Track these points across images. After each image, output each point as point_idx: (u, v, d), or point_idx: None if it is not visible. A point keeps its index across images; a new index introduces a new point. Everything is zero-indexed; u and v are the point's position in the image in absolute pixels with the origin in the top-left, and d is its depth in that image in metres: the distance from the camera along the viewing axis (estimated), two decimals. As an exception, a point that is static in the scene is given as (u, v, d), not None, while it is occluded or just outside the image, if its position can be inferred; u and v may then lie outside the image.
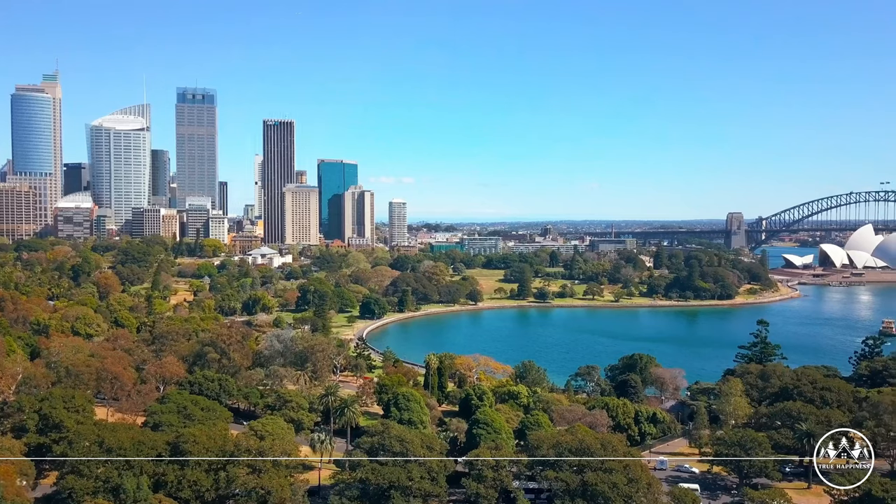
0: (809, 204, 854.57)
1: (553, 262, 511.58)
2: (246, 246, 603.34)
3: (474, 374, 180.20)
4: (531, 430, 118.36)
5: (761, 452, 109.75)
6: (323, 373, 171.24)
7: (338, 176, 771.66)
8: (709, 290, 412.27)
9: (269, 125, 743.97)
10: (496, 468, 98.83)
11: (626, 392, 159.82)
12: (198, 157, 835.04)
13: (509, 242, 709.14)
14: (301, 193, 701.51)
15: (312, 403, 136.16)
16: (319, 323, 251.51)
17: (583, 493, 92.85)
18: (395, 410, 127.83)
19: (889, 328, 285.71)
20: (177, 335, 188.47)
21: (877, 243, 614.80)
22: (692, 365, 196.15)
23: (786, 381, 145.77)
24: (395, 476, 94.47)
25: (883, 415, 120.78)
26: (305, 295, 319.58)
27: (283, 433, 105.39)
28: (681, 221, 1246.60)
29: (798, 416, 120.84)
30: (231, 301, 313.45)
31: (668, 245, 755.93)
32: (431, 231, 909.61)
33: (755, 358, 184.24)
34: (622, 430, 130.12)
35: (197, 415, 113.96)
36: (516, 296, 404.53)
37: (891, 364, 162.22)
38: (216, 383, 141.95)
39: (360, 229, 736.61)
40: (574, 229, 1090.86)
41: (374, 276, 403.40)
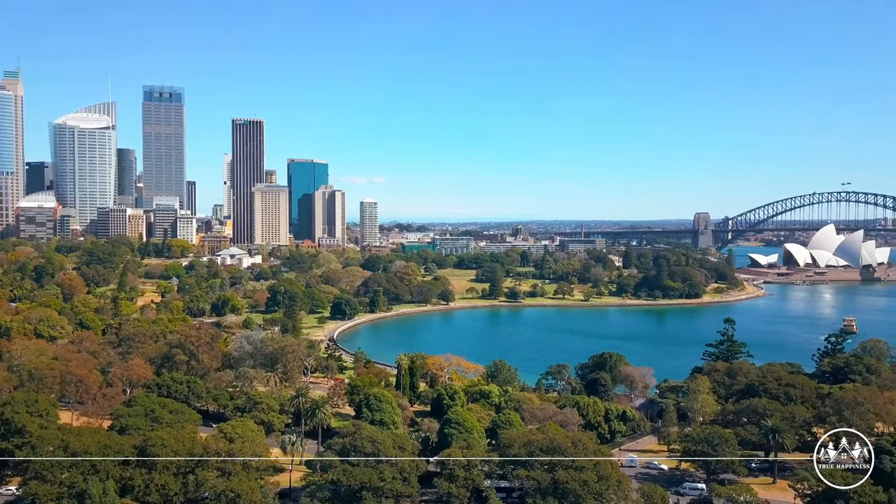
0: (774, 204, 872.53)
1: (524, 262, 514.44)
2: (215, 246, 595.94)
3: (446, 373, 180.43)
4: (503, 429, 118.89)
5: (728, 448, 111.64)
6: (293, 374, 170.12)
7: (308, 176, 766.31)
8: (677, 289, 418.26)
9: (238, 124, 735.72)
10: (468, 467, 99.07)
11: (596, 390, 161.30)
12: (165, 156, 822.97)
13: (481, 242, 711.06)
14: (270, 193, 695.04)
15: (283, 405, 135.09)
16: (290, 324, 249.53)
17: (554, 491, 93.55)
18: (366, 411, 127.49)
19: (850, 326, 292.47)
20: (144, 337, 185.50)
21: (838, 243, 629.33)
22: (661, 363, 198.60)
23: (752, 379, 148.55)
24: (367, 477, 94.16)
25: (844, 410, 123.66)
26: (275, 296, 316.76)
27: (253, 435, 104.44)
28: (649, 221, 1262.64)
29: (763, 413, 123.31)
30: (200, 302, 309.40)
31: (637, 245, 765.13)
32: (403, 231, 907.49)
33: (722, 356, 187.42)
34: (593, 429, 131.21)
35: (165, 418, 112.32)
36: (488, 295, 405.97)
37: (852, 361, 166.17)
38: (185, 385, 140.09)
39: (331, 229, 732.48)
40: (544, 229, 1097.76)
41: (345, 277, 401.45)
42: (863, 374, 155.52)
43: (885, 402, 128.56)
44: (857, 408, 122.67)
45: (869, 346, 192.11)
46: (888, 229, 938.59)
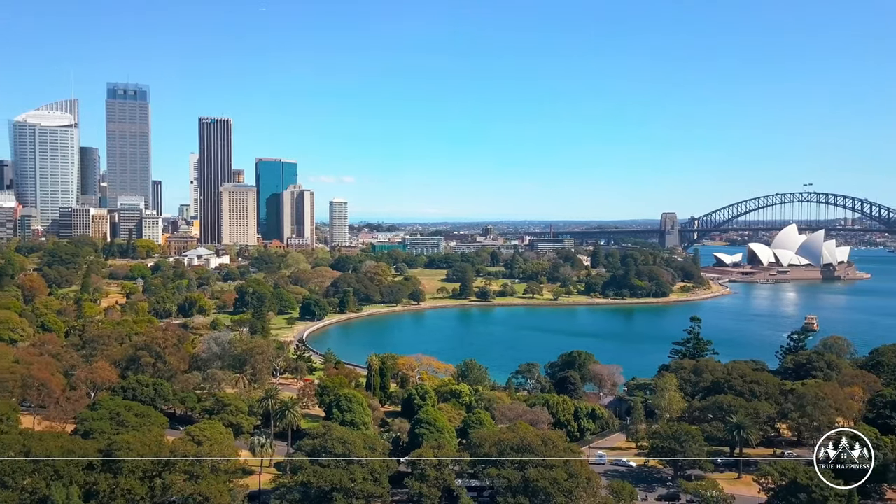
0: (738, 204, 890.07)
1: (494, 262, 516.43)
2: (181, 247, 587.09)
3: (417, 374, 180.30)
4: (473, 428, 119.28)
5: (695, 445, 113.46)
6: (263, 375, 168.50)
7: (276, 175, 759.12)
8: (644, 288, 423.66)
9: (204, 123, 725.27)
10: (439, 467, 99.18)
11: (565, 389, 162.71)
12: (129, 155, 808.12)
13: (451, 242, 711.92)
14: (238, 193, 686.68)
15: (252, 407, 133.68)
16: (258, 325, 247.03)
17: (524, 489, 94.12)
18: (336, 412, 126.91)
19: (811, 324, 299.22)
20: (108, 339, 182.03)
21: (800, 242, 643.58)
22: (629, 361, 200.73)
23: (717, 376, 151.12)
24: (338, 478, 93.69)
25: (807, 406, 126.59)
26: (244, 296, 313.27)
27: (221, 438, 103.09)
28: (617, 221, 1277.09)
29: (729, 409, 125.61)
30: (166, 303, 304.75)
31: (605, 244, 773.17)
32: (373, 231, 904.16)
33: (688, 353, 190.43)
34: (562, 427, 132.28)
35: (130, 421, 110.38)
36: (458, 295, 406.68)
37: (814, 357, 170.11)
38: (151, 388, 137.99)
39: (300, 229, 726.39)
40: (514, 229, 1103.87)
41: (315, 277, 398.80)
42: (824, 370, 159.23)
43: (846, 397, 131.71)
44: (818, 403, 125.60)
45: (830, 343, 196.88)
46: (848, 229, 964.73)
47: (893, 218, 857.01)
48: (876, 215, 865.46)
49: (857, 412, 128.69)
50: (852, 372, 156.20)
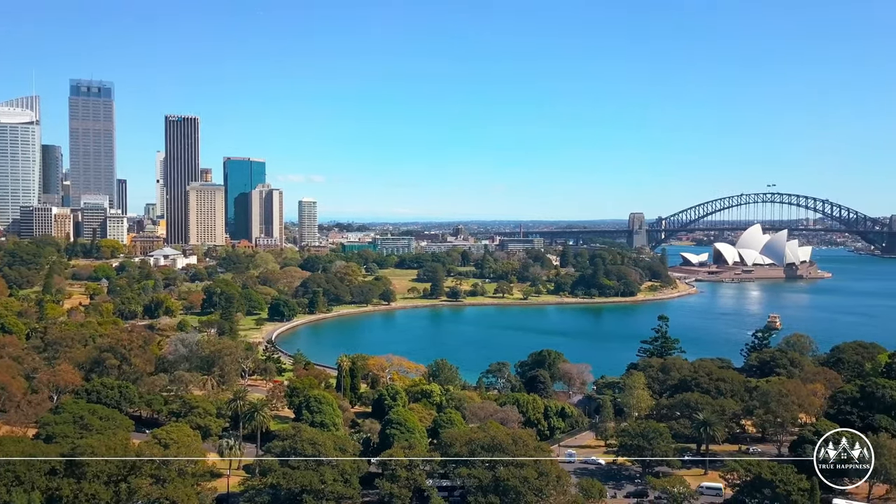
0: (704, 205, 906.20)
1: (465, 262, 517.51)
2: (147, 247, 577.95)
3: (387, 374, 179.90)
4: (444, 428, 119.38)
5: (662, 442, 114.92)
6: (231, 377, 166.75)
7: (245, 174, 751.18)
8: (612, 288, 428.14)
9: (171, 121, 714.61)
10: (409, 467, 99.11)
11: (535, 387, 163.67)
12: (93, 153, 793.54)
13: (422, 242, 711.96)
14: (206, 192, 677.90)
15: (220, 409, 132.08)
16: (226, 326, 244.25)
17: (495, 488, 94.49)
18: (306, 413, 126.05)
19: (774, 322, 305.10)
20: (72, 341, 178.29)
21: (764, 242, 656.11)
22: (598, 359, 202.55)
23: (684, 374, 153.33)
24: (308, 480, 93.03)
25: (771, 403, 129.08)
26: (211, 297, 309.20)
27: (188, 440, 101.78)
28: (586, 221, 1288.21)
29: (695, 407, 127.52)
30: (131, 304, 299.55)
31: (574, 244, 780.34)
32: (343, 231, 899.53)
33: (656, 352, 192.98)
34: (532, 425, 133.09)
35: (95, 424, 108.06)
36: (429, 295, 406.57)
37: (777, 355, 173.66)
38: (116, 391, 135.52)
39: (269, 229, 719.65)
40: (484, 229, 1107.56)
41: (284, 277, 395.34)
42: (787, 367, 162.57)
43: (808, 393, 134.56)
44: (782, 400, 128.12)
45: (793, 341, 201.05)
46: (810, 229, 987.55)
47: (853, 218, 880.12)
48: (837, 216, 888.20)
49: (818, 408, 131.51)
50: (814, 369, 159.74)
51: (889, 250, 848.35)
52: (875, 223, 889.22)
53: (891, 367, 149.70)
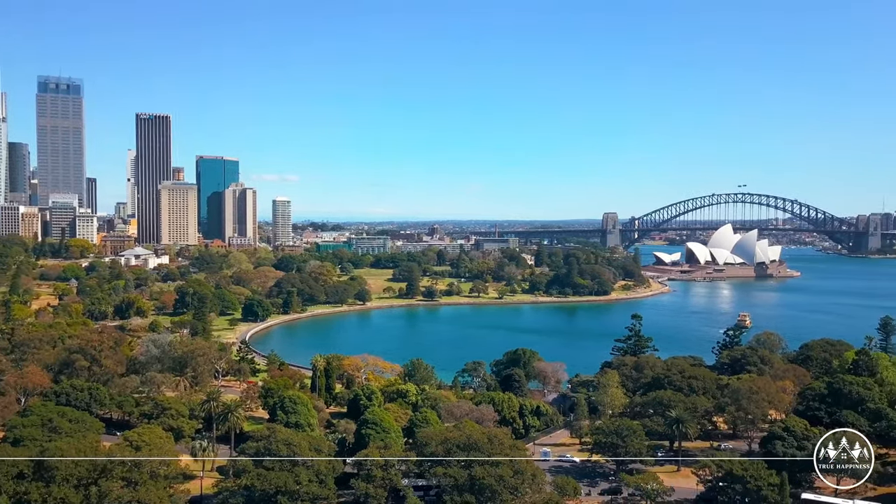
0: (677, 205, 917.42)
1: (440, 261, 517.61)
2: (118, 246, 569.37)
3: (363, 374, 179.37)
4: (420, 427, 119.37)
5: (636, 439, 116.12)
6: (204, 378, 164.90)
7: (218, 173, 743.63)
8: (586, 287, 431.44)
9: (142, 119, 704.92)
10: (385, 467, 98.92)
11: (510, 386, 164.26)
12: (62, 151, 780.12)
13: (397, 242, 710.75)
14: (178, 191, 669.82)
15: (193, 410, 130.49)
16: (199, 326, 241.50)
17: (471, 487, 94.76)
18: (281, 414, 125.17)
19: (744, 321, 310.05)
20: (40, 342, 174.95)
21: (735, 241, 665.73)
22: (573, 358, 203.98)
23: (657, 372, 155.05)
24: (282, 481, 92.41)
25: (742, 400, 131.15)
26: (184, 297, 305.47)
27: (161, 442, 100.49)
28: (560, 221, 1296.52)
29: (668, 404, 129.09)
30: (102, 305, 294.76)
31: (549, 244, 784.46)
32: (318, 230, 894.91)
33: (630, 350, 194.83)
34: (508, 424, 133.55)
35: (64, 427, 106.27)
36: (405, 295, 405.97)
37: (748, 353, 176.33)
38: (86, 393, 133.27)
39: (242, 229, 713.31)
40: (460, 229, 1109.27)
41: (258, 277, 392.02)
42: (757, 364, 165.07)
43: (778, 390, 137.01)
44: (752, 397, 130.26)
45: (763, 339, 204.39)
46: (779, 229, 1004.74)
47: (821, 218, 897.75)
48: (805, 216, 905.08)
49: (788, 405, 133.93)
50: (784, 366, 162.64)
51: (855, 249, 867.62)
52: (842, 223, 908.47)
53: (857, 364, 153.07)
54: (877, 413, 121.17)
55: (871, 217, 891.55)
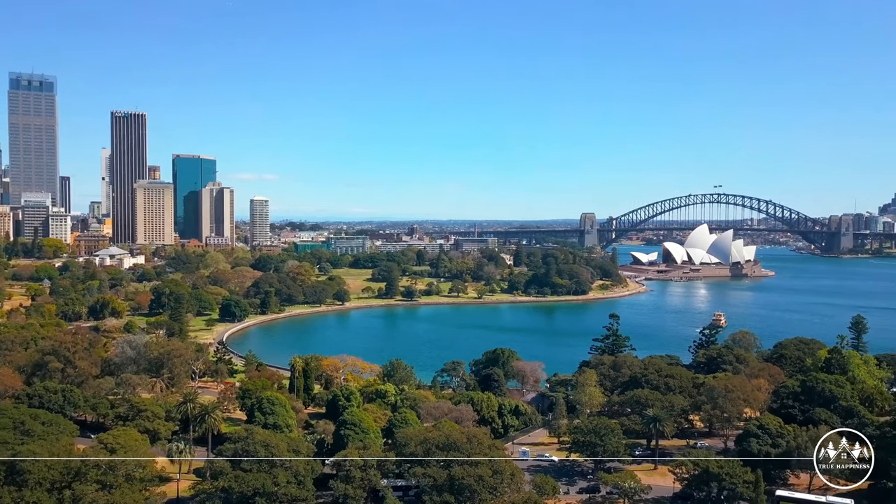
0: (654, 205, 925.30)
1: (420, 261, 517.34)
2: (92, 246, 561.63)
3: (341, 374, 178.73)
4: (399, 427, 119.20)
5: (614, 438, 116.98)
6: (181, 379, 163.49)
7: (195, 172, 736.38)
8: (564, 286, 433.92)
9: (117, 117, 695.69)
10: (364, 468, 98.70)
11: (489, 386, 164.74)
12: (35, 149, 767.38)
13: (377, 242, 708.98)
14: (154, 190, 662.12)
15: (170, 412, 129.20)
16: (176, 327, 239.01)
17: (450, 487, 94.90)
18: (259, 415, 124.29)
19: (718, 320, 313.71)
20: (12, 344, 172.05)
21: (711, 241, 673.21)
22: (551, 357, 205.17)
23: (635, 371, 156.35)
24: (260, 482, 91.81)
25: (717, 398, 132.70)
26: (160, 297, 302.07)
27: (136, 445, 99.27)
28: (539, 221, 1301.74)
29: (646, 403, 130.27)
30: (76, 305, 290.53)
31: (527, 244, 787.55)
32: (296, 230, 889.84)
33: (608, 349, 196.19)
34: (487, 424, 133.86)
35: (37, 430, 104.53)
36: (384, 295, 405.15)
37: (724, 352, 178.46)
38: (59, 395, 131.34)
39: (219, 228, 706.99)
40: (439, 229, 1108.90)
41: (235, 277, 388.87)
42: (733, 363, 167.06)
43: (753, 388, 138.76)
44: (728, 395, 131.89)
45: (738, 338, 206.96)
46: (754, 229, 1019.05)
47: (795, 218, 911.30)
48: (779, 216, 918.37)
49: (762, 403, 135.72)
50: (758, 365, 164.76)
51: (828, 249, 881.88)
52: (815, 223, 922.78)
53: (830, 363, 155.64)
54: (849, 410, 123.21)
55: (843, 218, 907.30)
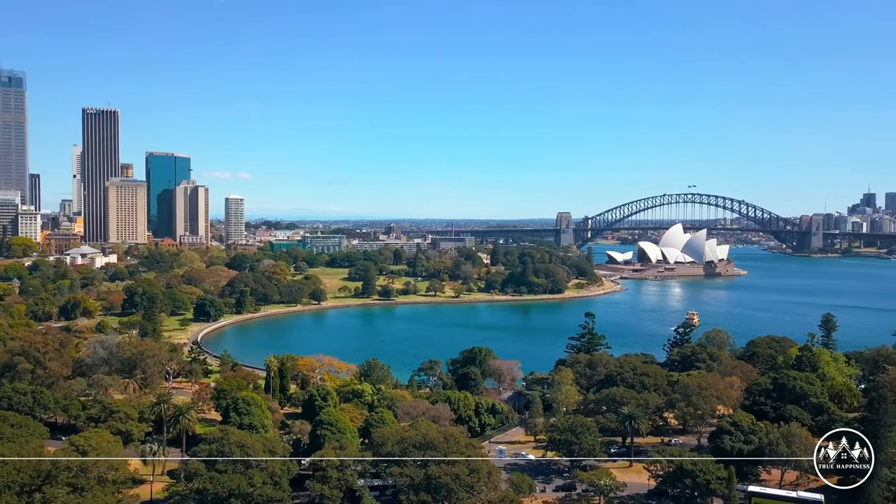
0: (629, 204, 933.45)
1: (397, 260, 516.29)
2: (63, 245, 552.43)
3: (318, 374, 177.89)
4: (376, 427, 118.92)
5: (590, 436, 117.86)
6: (154, 380, 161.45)
7: (168, 170, 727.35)
8: (541, 285, 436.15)
9: (89, 114, 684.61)
10: (341, 468, 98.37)
11: (466, 385, 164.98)
12: (3, 145, 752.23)
13: (353, 241, 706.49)
14: (127, 188, 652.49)
15: (143, 413, 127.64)
16: (149, 327, 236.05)
17: (427, 486, 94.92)
18: (234, 415, 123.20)
19: (691, 319, 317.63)
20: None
21: (685, 241, 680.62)
22: (528, 356, 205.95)
23: (610, 369, 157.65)
24: (236, 483, 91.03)
25: (691, 396, 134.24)
26: (133, 297, 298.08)
27: (108, 446, 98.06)
28: (515, 220, 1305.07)
29: (621, 401, 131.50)
30: (46, 305, 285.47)
31: (504, 243, 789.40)
32: (272, 229, 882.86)
33: (583, 348, 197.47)
34: (464, 422, 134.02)
35: (6, 432, 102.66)
36: (361, 294, 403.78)
37: (697, 350, 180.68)
38: (29, 396, 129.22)
39: (194, 227, 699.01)
40: (417, 228, 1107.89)
41: (210, 277, 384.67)
42: (706, 361, 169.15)
43: (726, 386, 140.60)
44: (702, 393, 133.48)
45: (711, 336, 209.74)
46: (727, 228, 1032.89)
47: (767, 218, 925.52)
48: (752, 216, 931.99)
49: (735, 400, 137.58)
50: (731, 363, 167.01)
51: (799, 249, 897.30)
52: (787, 223, 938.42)
53: (800, 360, 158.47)
54: (819, 407, 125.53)
55: (813, 217, 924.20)
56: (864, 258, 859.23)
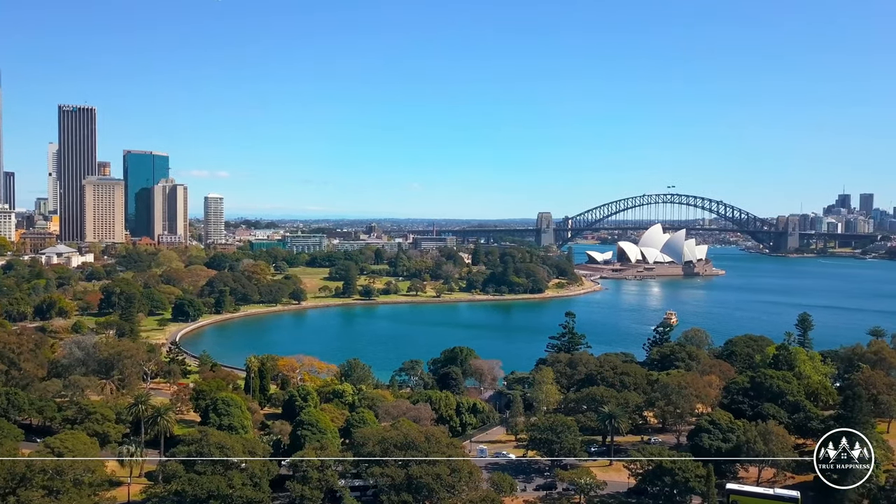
0: (609, 205, 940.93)
1: (378, 260, 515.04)
2: (38, 244, 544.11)
3: (298, 374, 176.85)
4: (357, 427, 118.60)
5: (570, 435, 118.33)
6: (132, 380, 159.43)
7: (146, 168, 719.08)
8: (521, 285, 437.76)
9: (65, 111, 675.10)
10: (321, 468, 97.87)
11: (447, 384, 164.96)
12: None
13: (334, 240, 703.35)
14: (104, 187, 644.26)
15: (120, 414, 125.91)
16: (127, 327, 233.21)
17: (408, 486, 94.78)
18: (213, 416, 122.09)
19: (669, 319, 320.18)
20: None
21: (664, 240, 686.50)
22: (508, 355, 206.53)
23: (591, 368, 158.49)
24: (215, 484, 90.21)
25: (671, 394, 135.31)
26: (110, 297, 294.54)
27: (85, 448, 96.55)
28: (496, 220, 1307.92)
29: (601, 400, 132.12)
30: (20, 305, 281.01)
31: (485, 243, 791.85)
32: (251, 228, 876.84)
33: (564, 347, 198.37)
34: (445, 422, 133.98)
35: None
36: (342, 294, 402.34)
37: (677, 349, 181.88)
38: (3, 398, 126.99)
39: (172, 226, 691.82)
40: (398, 227, 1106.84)
41: (189, 276, 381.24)
42: (686, 360, 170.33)
43: (705, 385, 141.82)
44: (681, 391, 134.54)
45: (690, 335, 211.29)
46: (706, 228, 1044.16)
47: (745, 219, 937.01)
48: (730, 216, 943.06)
49: (714, 399, 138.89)
50: (710, 361, 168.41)
51: (776, 249, 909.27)
52: (764, 223, 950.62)
53: (777, 359, 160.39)
54: (795, 405, 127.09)
55: (789, 218, 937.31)
56: (840, 258, 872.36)
